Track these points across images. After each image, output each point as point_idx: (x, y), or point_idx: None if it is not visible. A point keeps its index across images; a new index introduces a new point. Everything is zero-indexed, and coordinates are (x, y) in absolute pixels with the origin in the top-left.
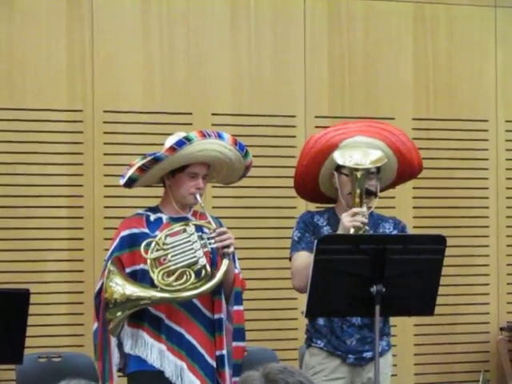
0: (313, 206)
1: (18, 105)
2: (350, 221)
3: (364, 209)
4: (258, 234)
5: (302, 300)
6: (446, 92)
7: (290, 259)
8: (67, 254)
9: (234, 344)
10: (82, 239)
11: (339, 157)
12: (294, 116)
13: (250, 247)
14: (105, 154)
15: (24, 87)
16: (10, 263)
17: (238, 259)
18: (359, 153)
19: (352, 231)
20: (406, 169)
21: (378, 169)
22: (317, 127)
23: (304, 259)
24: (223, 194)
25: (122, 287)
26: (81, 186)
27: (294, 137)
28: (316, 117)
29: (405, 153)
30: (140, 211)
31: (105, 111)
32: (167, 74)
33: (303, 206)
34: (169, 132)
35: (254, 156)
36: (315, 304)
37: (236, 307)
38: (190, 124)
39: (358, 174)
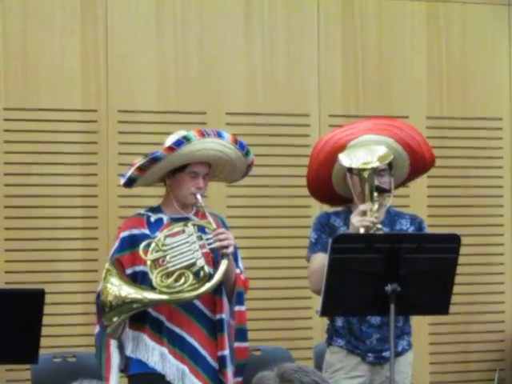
0: (327, 206)
1: (32, 105)
2: (359, 220)
3: (372, 205)
4: (272, 233)
5: (317, 299)
6: (460, 90)
7: (307, 260)
8: (82, 253)
9: (236, 345)
10: (96, 239)
11: (345, 158)
12: (307, 115)
13: (263, 246)
14: (119, 154)
15: (38, 87)
16: (25, 263)
17: (252, 258)
18: (364, 151)
19: (362, 231)
20: (418, 163)
21: (390, 165)
22: (331, 126)
23: (319, 261)
24: (237, 193)
25: (118, 288)
26: (95, 185)
27: (307, 136)
28: (330, 115)
29: (415, 147)
30: (141, 211)
31: (119, 111)
32: (181, 73)
33: (317, 205)
34: None
35: (267, 155)
36: (330, 303)
37: (238, 307)
38: (204, 123)
39: (366, 174)
